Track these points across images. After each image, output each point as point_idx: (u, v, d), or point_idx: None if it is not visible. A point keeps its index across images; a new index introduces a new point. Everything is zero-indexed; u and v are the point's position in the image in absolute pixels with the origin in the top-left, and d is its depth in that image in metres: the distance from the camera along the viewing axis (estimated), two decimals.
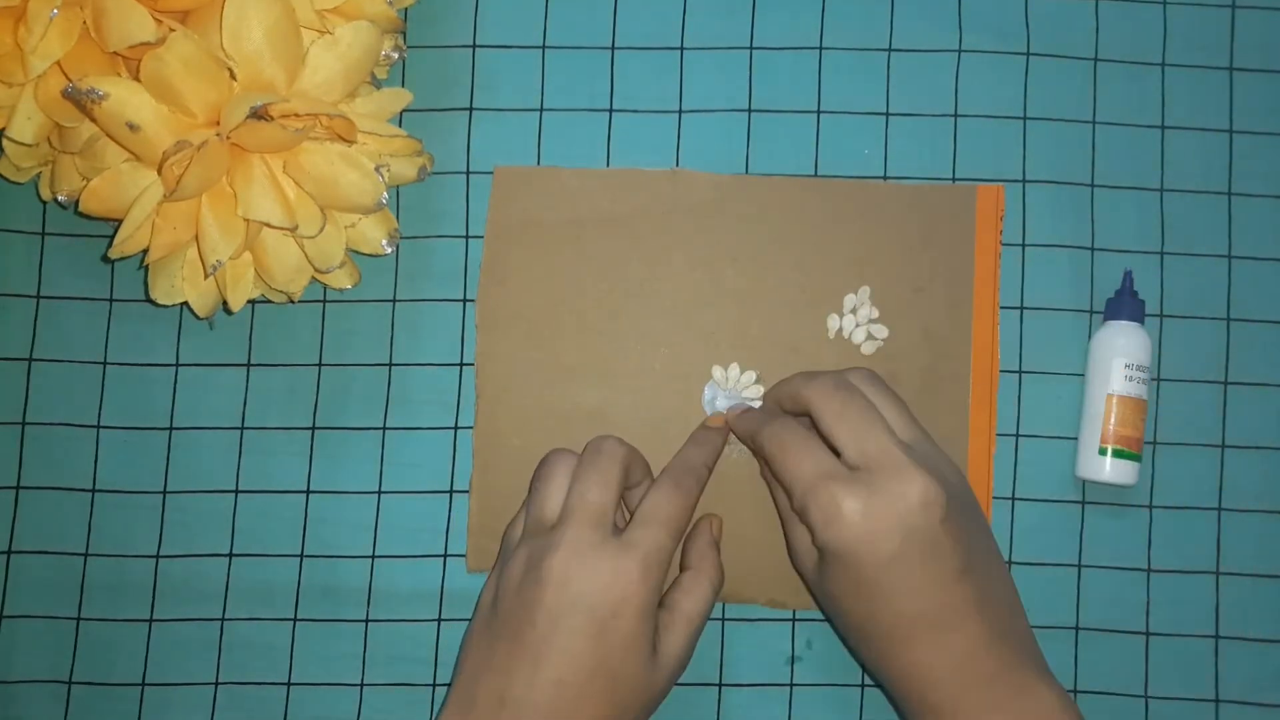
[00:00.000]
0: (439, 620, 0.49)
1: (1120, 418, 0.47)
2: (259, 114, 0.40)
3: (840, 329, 0.50)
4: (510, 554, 0.43)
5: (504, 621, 0.41)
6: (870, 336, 0.49)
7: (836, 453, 0.42)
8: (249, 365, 0.50)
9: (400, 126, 0.49)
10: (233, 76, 0.41)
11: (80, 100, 0.40)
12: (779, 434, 0.43)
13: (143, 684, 0.49)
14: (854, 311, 0.50)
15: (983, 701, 0.41)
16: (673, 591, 0.44)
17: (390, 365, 0.50)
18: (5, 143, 0.45)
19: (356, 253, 0.47)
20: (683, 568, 0.46)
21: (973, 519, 0.43)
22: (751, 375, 0.49)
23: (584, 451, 0.44)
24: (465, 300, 0.50)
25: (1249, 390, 0.50)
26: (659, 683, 0.42)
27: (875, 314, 0.50)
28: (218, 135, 0.41)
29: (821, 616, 0.49)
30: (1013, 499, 0.49)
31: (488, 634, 0.42)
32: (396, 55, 0.47)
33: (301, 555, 0.49)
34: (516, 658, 0.40)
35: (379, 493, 0.50)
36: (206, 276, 0.44)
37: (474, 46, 0.51)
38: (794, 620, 0.49)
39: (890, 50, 0.51)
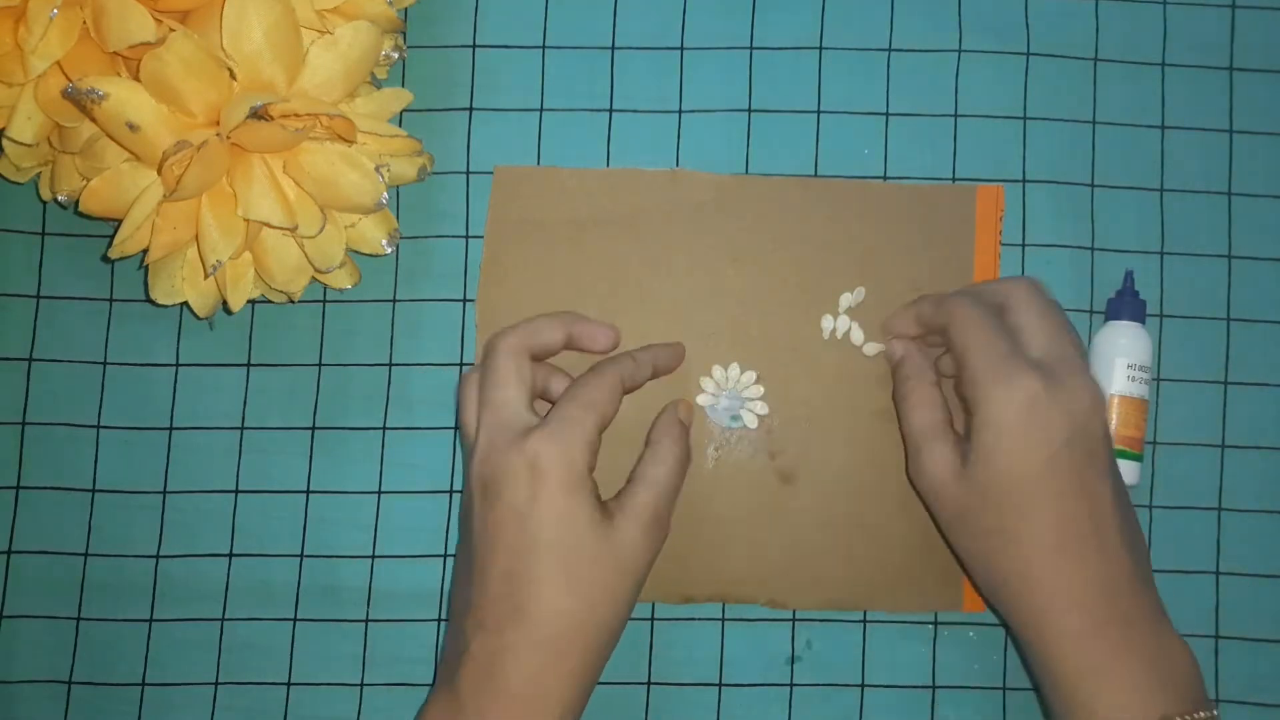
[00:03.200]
0: (439, 620, 0.49)
1: (1122, 418, 0.47)
2: (259, 114, 0.40)
3: (834, 329, 0.50)
4: None
5: (461, 546, 0.43)
6: (866, 339, 0.49)
7: None
8: (249, 365, 0.50)
9: (400, 126, 0.49)
10: (233, 76, 0.41)
11: (80, 100, 0.40)
12: (967, 310, 0.43)
13: (143, 684, 0.49)
14: (847, 311, 0.50)
15: (1121, 641, 0.40)
16: (635, 466, 0.45)
17: (390, 365, 0.50)
18: (5, 143, 0.45)
19: (356, 253, 0.47)
20: (647, 443, 0.46)
21: (1114, 458, 0.43)
22: (751, 375, 0.49)
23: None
24: (465, 300, 0.50)
25: (1249, 390, 0.50)
26: (625, 545, 0.41)
27: (863, 313, 0.50)
28: (218, 135, 0.41)
29: (821, 617, 0.49)
30: None
31: (457, 566, 0.44)
32: (396, 55, 0.47)
33: (301, 555, 0.49)
34: (470, 570, 0.42)
35: (379, 493, 0.50)
36: (206, 276, 0.44)
37: (474, 46, 0.51)
38: (794, 620, 0.49)
39: (890, 50, 0.51)
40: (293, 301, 0.47)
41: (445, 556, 0.49)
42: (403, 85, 0.50)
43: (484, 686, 0.40)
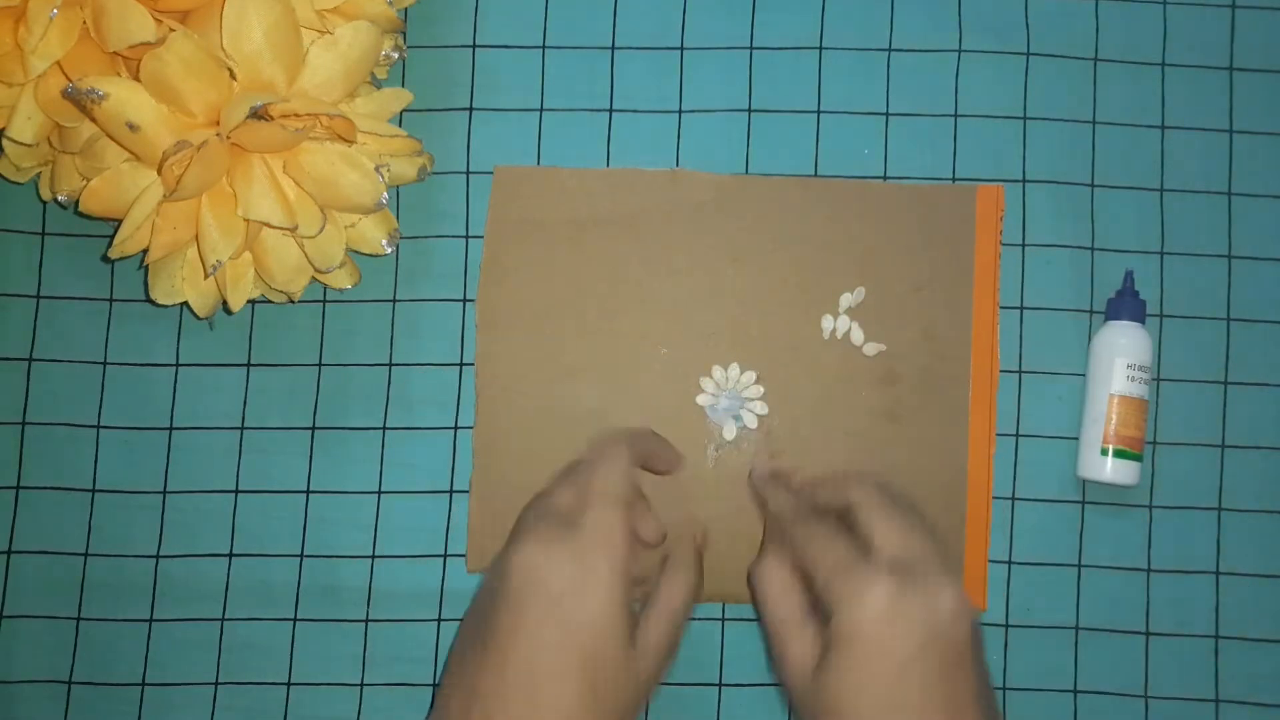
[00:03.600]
0: (439, 620, 0.49)
1: (1122, 418, 0.47)
2: (259, 114, 0.40)
3: (834, 329, 0.50)
4: None
5: (474, 617, 0.42)
6: (866, 339, 0.49)
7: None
8: (249, 365, 0.50)
9: (400, 126, 0.49)
10: (233, 76, 0.41)
11: (80, 100, 0.40)
12: (811, 523, 0.42)
13: (143, 684, 0.49)
14: (847, 311, 0.50)
15: None
16: (654, 590, 0.44)
17: (390, 365, 0.50)
18: (5, 143, 0.45)
19: (356, 253, 0.47)
20: (664, 568, 0.45)
21: (983, 661, 0.41)
22: (751, 375, 0.49)
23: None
24: (465, 300, 0.50)
25: (1249, 390, 0.50)
26: (643, 671, 0.41)
27: (863, 313, 0.50)
28: (218, 135, 0.41)
29: None
30: (1013, 499, 0.49)
31: (463, 635, 0.42)
32: (396, 55, 0.47)
33: (301, 555, 0.49)
34: (485, 651, 0.40)
35: (379, 493, 0.50)
36: (206, 276, 0.44)
37: (474, 46, 0.51)
38: None
39: (890, 50, 0.51)
40: (293, 301, 0.47)
41: (445, 556, 0.49)
42: (403, 85, 0.50)
43: None
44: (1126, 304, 0.49)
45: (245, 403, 0.50)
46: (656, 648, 0.42)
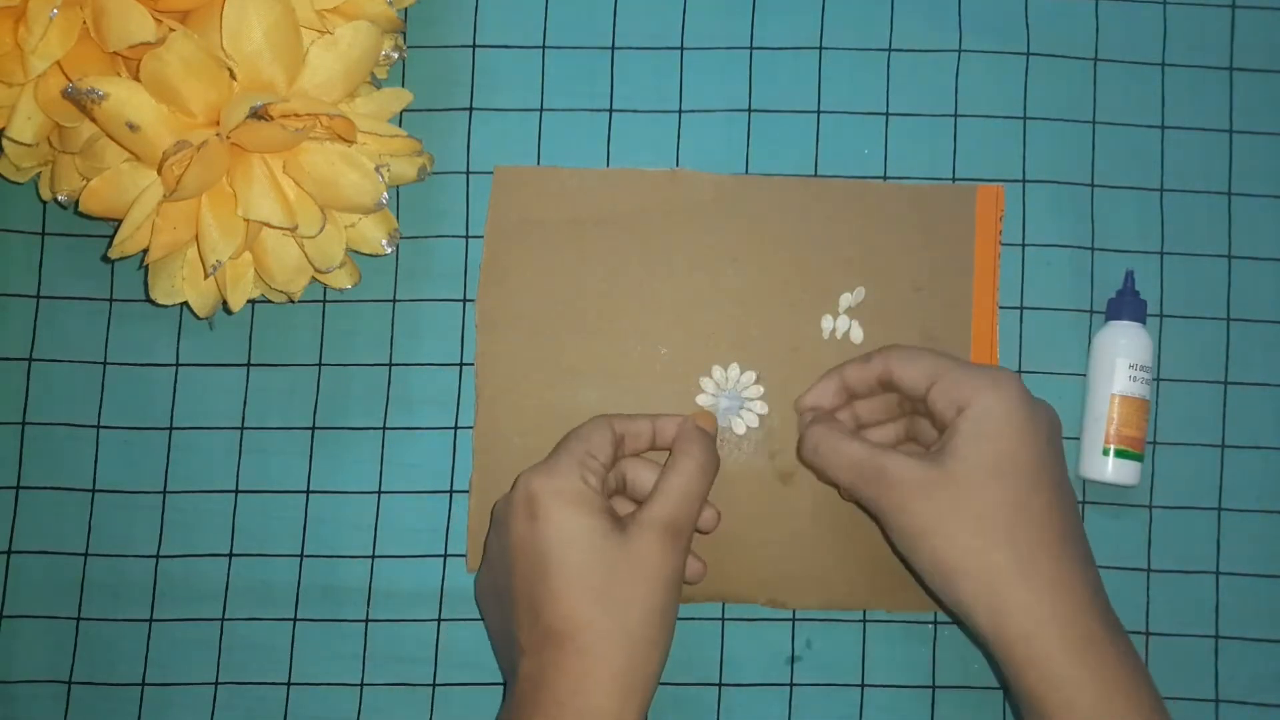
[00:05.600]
0: (439, 620, 0.49)
1: (1124, 418, 0.47)
2: (259, 114, 0.40)
3: (834, 329, 0.50)
4: None
5: (491, 587, 0.45)
6: (866, 339, 0.49)
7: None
8: (249, 365, 0.50)
9: (400, 126, 0.49)
10: (233, 76, 0.41)
11: (80, 100, 0.40)
12: (912, 347, 0.45)
13: (143, 684, 0.49)
14: (847, 311, 0.50)
15: (1094, 657, 0.39)
16: (663, 471, 0.44)
17: (390, 365, 0.50)
18: (5, 143, 0.45)
19: (356, 253, 0.47)
20: (671, 450, 0.46)
21: None
22: (751, 375, 0.49)
23: None
24: (465, 300, 0.50)
25: (1249, 390, 0.50)
26: (644, 561, 0.41)
27: (863, 313, 0.50)
28: (218, 135, 0.41)
29: (821, 617, 0.49)
30: None
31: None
32: (396, 55, 0.47)
33: (301, 555, 0.49)
34: (505, 609, 0.43)
35: (379, 493, 0.50)
36: (206, 276, 0.44)
37: (474, 46, 0.51)
38: (794, 620, 0.49)
39: (890, 50, 0.51)
40: (293, 301, 0.47)
41: (445, 556, 0.49)
42: (403, 85, 0.50)
43: (532, 700, 0.40)
44: (1127, 304, 0.48)
45: (245, 403, 0.50)
46: (652, 526, 0.42)
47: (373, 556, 0.49)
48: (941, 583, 0.42)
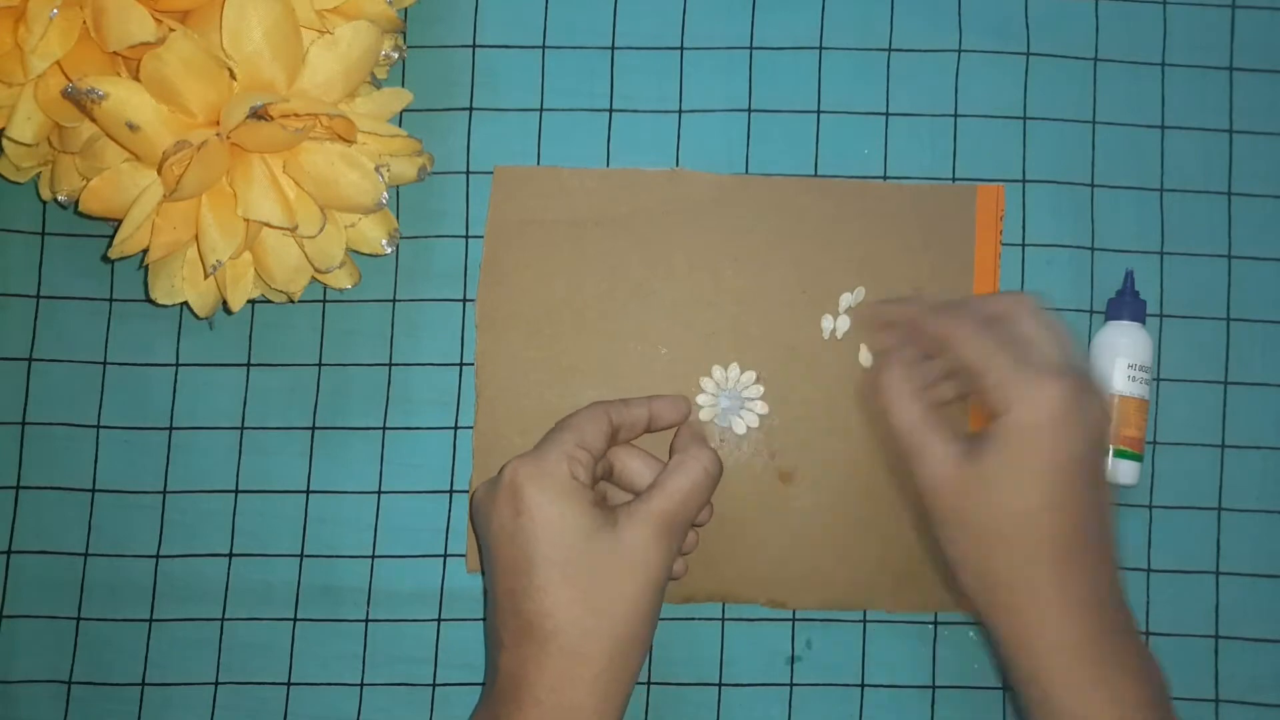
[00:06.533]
0: (439, 620, 0.49)
1: (1123, 418, 0.47)
2: (259, 114, 0.40)
3: (834, 329, 0.50)
4: None
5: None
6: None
7: None
8: (249, 365, 0.50)
9: (400, 126, 0.49)
10: (233, 76, 0.41)
11: (80, 100, 0.40)
12: (975, 321, 0.43)
13: (143, 684, 0.49)
14: (847, 311, 0.50)
15: (1110, 654, 0.40)
16: (666, 468, 0.44)
17: (390, 365, 0.50)
18: (5, 143, 0.45)
19: (356, 253, 0.47)
20: (672, 448, 0.46)
21: None
22: (751, 375, 0.49)
23: None
24: (465, 300, 0.50)
25: (1249, 390, 0.50)
26: (631, 556, 0.41)
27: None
28: (218, 135, 0.41)
29: (822, 617, 0.49)
30: None
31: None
32: (396, 55, 0.47)
33: (301, 555, 0.49)
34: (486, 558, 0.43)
35: (379, 493, 0.50)
36: (206, 276, 0.44)
37: (474, 46, 0.51)
38: (794, 620, 0.49)
39: (890, 50, 0.51)
40: (293, 301, 0.47)
41: (445, 556, 0.49)
42: (403, 85, 0.50)
43: (512, 697, 0.40)
44: (1127, 304, 0.48)
45: (245, 403, 0.50)
46: (645, 522, 0.41)
47: (373, 556, 0.49)
48: (962, 575, 0.42)
